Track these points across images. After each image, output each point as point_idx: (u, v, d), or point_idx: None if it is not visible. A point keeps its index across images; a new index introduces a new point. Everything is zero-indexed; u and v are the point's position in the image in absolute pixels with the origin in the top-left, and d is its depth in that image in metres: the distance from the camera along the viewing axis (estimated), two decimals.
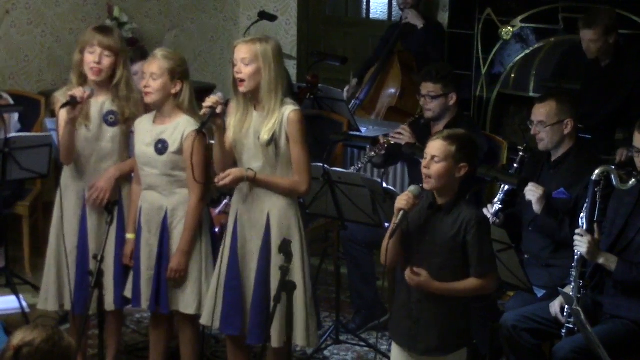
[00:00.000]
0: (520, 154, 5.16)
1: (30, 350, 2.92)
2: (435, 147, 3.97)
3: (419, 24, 7.18)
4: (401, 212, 3.93)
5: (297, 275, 4.50)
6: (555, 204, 4.99)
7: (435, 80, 5.58)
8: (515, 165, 5.14)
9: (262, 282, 4.54)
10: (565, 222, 4.90)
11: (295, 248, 4.48)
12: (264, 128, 4.43)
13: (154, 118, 4.74)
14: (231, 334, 4.68)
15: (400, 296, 4.12)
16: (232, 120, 4.49)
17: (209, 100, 4.38)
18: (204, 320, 4.68)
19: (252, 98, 4.48)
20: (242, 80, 4.42)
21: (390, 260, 3.99)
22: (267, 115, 4.43)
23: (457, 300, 4.01)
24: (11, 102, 6.36)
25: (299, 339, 4.52)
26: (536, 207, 4.96)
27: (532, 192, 4.96)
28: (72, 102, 4.64)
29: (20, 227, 6.38)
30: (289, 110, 4.45)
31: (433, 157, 3.95)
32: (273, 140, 4.43)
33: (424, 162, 3.98)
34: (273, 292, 4.48)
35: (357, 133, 6.43)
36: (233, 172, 4.45)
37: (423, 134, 5.64)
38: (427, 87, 5.60)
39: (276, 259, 4.50)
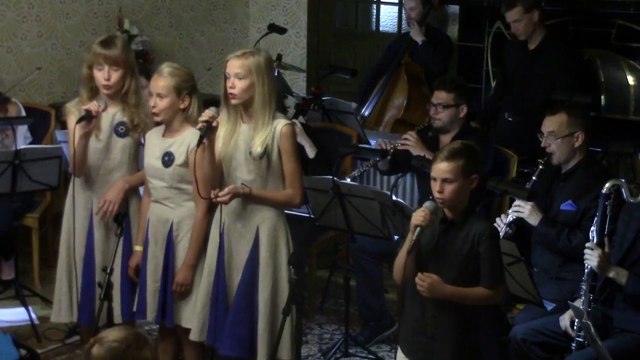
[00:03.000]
0: (540, 167, 5.07)
1: (99, 349, 2.92)
2: (443, 169, 3.94)
3: (419, 40, 7.16)
4: (418, 229, 3.91)
5: (282, 286, 4.51)
6: (561, 217, 4.98)
7: (449, 89, 5.58)
8: (533, 178, 5.09)
9: (243, 293, 4.55)
10: (564, 232, 4.90)
11: (282, 261, 4.49)
12: (256, 141, 4.44)
13: (164, 132, 4.76)
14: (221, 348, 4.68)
15: (413, 312, 4.10)
16: (220, 132, 4.50)
17: (205, 115, 4.38)
18: (193, 336, 4.67)
19: (243, 111, 4.49)
20: (236, 95, 4.43)
21: (407, 277, 3.98)
22: (259, 129, 4.44)
23: (470, 316, 4.02)
24: (21, 108, 6.37)
25: (285, 353, 4.51)
26: (531, 221, 4.97)
27: (519, 211, 4.96)
28: (88, 117, 4.66)
29: (29, 239, 6.39)
30: (282, 124, 4.46)
31: (445, 180, 3.93)
32: (265, 153, 4.44)
33: (435, 186, 3.95)
34: (262, 305, 4.52)
35: (367, 145, 6.43)
36: (232, 190, 4.45)
37: (431, 145, 5.63)
38: (440, 96, 5.61)
39: (265, 271, 4.53)
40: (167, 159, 4.68)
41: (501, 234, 4.96)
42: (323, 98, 6.66)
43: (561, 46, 6.46)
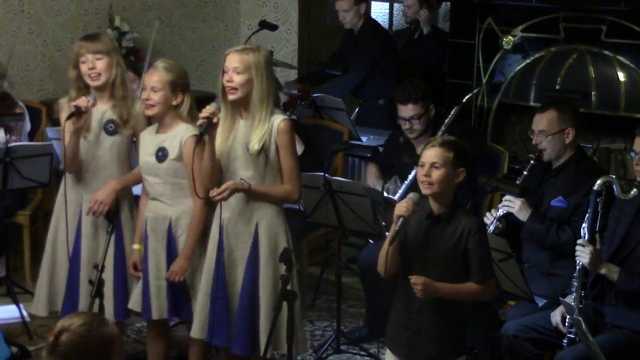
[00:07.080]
0: (532, 162, 5.07)
1: (69, 336, 2.95)
2: (433, 154, 3.97)
3: (425, 28, 7.20)
4: (401, 219, 3.92)
5: None
6: (552, 213, 4.99)
7: (415, 100, 5.55)
8: (524, 173, 5.09)
9: (248, 291, 4.54)
10: (552, 228, 4.91)
11: None
12: (254, 138, 4.43)
13: (157, 129, 4.76)
14: (220, 344, 4.68)
15: (397, 307, 4.12)
16: (219, 128, 4.50)
17: (206, 111, 4.38)
18: (195, 333, 4.64)
19: (241, 107, 4.49)
20: (233, 89, 4.43)
21: (390, 268, 3.99)
22: (257, 125, 4.44)
23: (455, 309, 4.03)
24: (25, 111, 6.35)
25: (283, 347, 4.49)
26: (521, 217, 4.98)
27: (509, 205, 4.97)
28: (77, 113, 4.65)
29: (21, 236, 6.38)
30: (279, 119, 4.46)
31: (433, 164, 3.95)
32: (263, 149, 4.44)
33: (422, 170, 3.97)
34: (263, 302, 4.51)
35: (358, 142, 6.43)
36: (229, 186, 4.45)
37: (406, 150, 5.60)
38: (409, 110, 5.56)
39: (265, 269, 4.52)
40: (161, 154, 4.67)
41: (491, 228, 4.98)
42: (314, 95, 6.66)
43: (374, 29, 7.27)
